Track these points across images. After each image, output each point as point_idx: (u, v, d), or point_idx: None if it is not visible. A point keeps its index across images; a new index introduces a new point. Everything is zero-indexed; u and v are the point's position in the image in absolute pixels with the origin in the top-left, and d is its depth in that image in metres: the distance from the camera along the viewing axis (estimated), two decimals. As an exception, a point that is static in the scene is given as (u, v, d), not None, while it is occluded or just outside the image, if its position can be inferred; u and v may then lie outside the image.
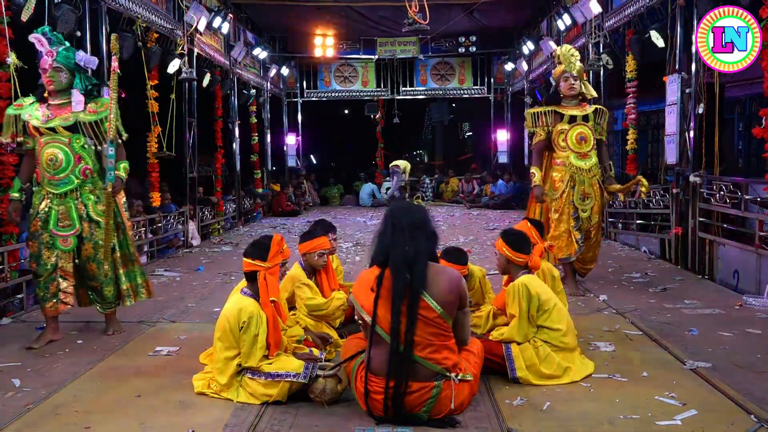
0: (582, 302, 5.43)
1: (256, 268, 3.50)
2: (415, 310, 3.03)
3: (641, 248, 8.43)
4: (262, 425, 3.09)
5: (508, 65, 15.62)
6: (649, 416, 3.12)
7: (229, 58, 11.76)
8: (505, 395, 3.43)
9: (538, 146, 5.88)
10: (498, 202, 14.75)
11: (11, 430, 3.04)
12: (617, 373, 3.71)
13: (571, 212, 5.66)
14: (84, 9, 6.65)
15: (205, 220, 10.47)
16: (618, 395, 3.40)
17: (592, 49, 9.88)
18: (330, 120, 20.09)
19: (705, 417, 3.10)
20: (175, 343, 4.45)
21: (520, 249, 3.87)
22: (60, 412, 3.27)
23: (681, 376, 3.66)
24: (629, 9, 8.62)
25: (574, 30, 10.84)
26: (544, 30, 12.99)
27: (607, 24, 9.45)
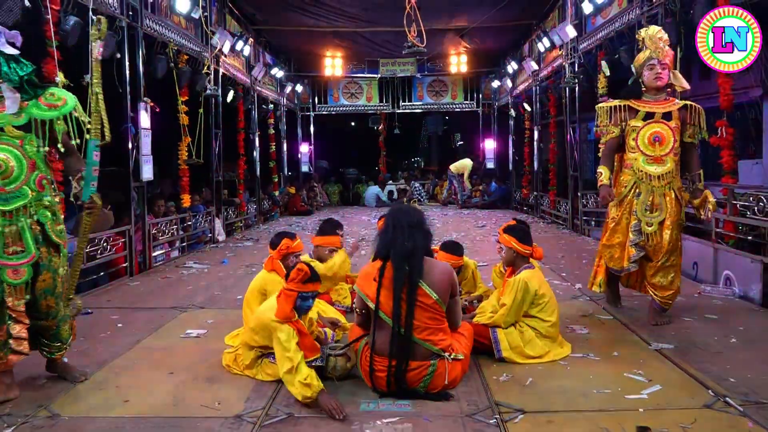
0: (559, 290, 5.41)
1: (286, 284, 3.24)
2: (413, 297, 3.06)
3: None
4: (279, 398, 3.09)
5: (495, 83, 15.61)
6: (619, 390, 3.12)
7: (250, 77, 11.75)
8: (492, 372, 3.42)
9: (608, 145, 4.48)
10: (487, 202, 14.75)
11: (60, 403, 3.04)
12: (591, 353, 3.70)
13: (632, 224, 4.29)
14: (123, 34, 6.64)
15: (229, 219, 10.46)
16: (591, 372, 3.40)
17: (567, 68, 9.86)
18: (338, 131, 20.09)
19: (668, 392, 3.10)
20: (204, 327, 4.44)
21: (526, 241, 3.82)
22: (102, 387, 3.27)
23: (647, 356, 3.65)
24: (600, 33, 8.59)
25: (552, 52, 10.81)
26: (526, 51, 12.97)
27: (581, 46, 9.42)
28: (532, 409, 2.91)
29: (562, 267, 6.61)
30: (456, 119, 19.64)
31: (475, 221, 11.76)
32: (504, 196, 14.99)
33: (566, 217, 10.47)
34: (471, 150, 18.38)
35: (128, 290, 5.94)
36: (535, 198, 12.84)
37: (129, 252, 6.66)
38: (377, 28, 12.13)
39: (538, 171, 12.81)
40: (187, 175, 8.64)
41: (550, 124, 12.02)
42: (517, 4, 10.55)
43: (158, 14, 7.56)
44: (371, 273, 3.18)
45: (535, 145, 12.79)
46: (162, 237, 7.65)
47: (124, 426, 2.80)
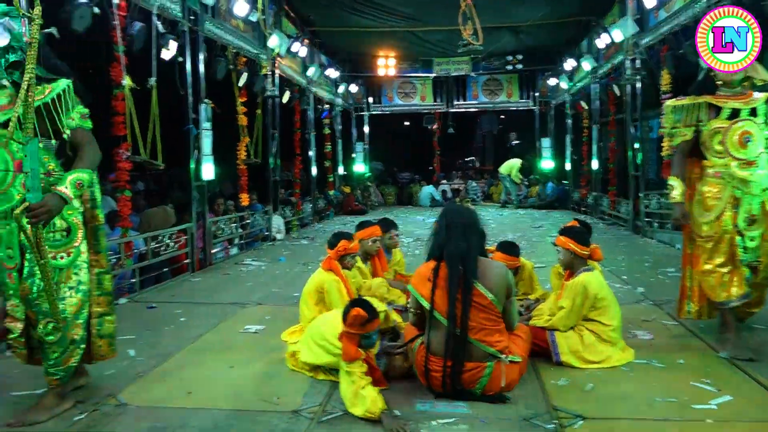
0: (620, 293, 5.25)
1: None
2: (469, 298, 3.04)
3: (676, 246, 8.09)
4: (336, 394, 3.11)
5: (551, 80, 15.29)
6: (686, 400, 2.99)
7: (305, 78, 11.92)
8: (550, 376, 3.35)
9: (680, 150, 3.83)
10: (543, 203, 14.49)
11: (126, 394, 3.16)
12: (655, 360, 3.57)
13: (735, 241, 3.66)
14: (185, 38, 6.85)
15: (285, 218, 10.65)
16: (655, 379, 3.28)
17: (629, 65, 9.55)
18: (392, 130, 20.13)
19: (739, 402, 2.95)
20: (262, 322, 4.53)
21: (584, 242, 3.73)
22: (166, 379, 3.39)
23: (716, 364, 3.49)
24: (664, 27, 8.28)
25: (612, 48, 10.50)
26: (584, 48, 12.64)
27: (643, 41, 9.11)
28: (593, 416, 2.83)
29: (623, 270, 6.41)
30: (511, 118, 19.36)
31: (531, 222, 11.57)
32: (561, 197, 14.68)
33: (627, 219, 10.16)
34: (526, 149, 18.10)
35: (190, 286, 6.13)
36: (594, 198, 12.51)
37: (191, 249, 6.87)
38: (432, 27, 12.09)
39: (597, 171, 12.48)
40: (245, 175, 8.85)
41: (609, 123, 11.68)
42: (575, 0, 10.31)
43: (218, 18, 7.77)
44: (425, 273, 3.17)
45: (594, 144, 12.46)
46: (222, 234, 7.86)
47: (186, 417, 2.89)
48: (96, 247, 3.01)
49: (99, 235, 3.02)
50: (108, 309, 3.08)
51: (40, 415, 2.83)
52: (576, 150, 14.36)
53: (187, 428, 2.77)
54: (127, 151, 5.72)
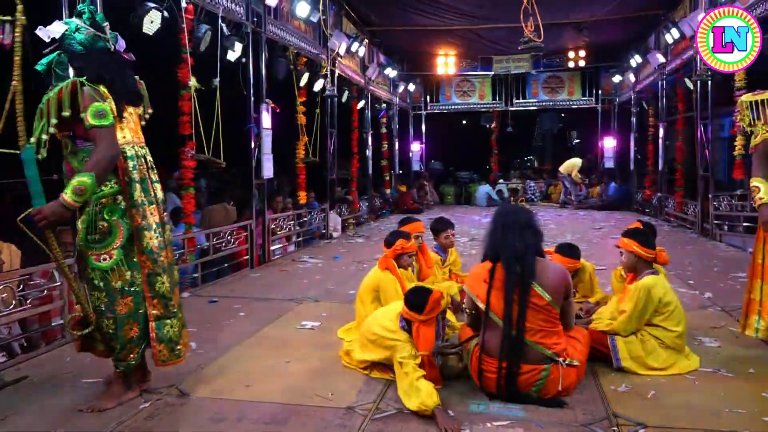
0: (686, 298, 5.04)
1: (412, 319, 3.12)
2: (526, 299, 3.00)
3: (747, 250, 7.70)
4: (390, 393, 3.14)
5: (616, 77, 14.80)
6: (756, 411, 2.86)
7: (364, 77, 12.01)
8: (610, 381, 3.26)
9: (761, 150, 3.50)
10: (604, 203, 14.08)
11: (189, 384, 3.28)
12: (722, 368, 3.42)
13: None
14: (248, 39, 7.03)
15: (342, 216, 10.76)
16: (723, 389, 3.14)
17: (700, 60, 9.14)
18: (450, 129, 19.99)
19: (815, 416, 2.79)
20: (318, 319, 4.60)
21: (649, 245, 3.61)
22: (225, 371, 3.49)
23: (789, 375, 3.31)
24: (739, 21, 7.88)
25: (682, 43, 10.08)
26: (651, 44, 12.19)
27: (716, 36, 8.70)
28: (655, 424, 2.74)
29: (690, 274, 6.15)
30: (572, 116, 18.88)
31: (591, 222, 11.26)
32: (623, 197, 14.21)
33: (694, 221, 9.74)
34: (588, 148, 17.62)
35: (249, 281, 6.29)
36: (659, 200, 12.05)
37: (250, 245, 7.04)
38: (492, 24, 11.94)
39: (663, 171, 12.01)
40: (303, 173, 8.99)
41: (677, 121, 11.22)
42: (643, -6, 9.96)
43: (279, 19, 7.93)
44: (481, 274, 3.15)
45: (661, 143, 12.00)
46: (280, 231, 8.03)
47: (244, 409, 2.97)
48: (141, 248, 2.96)
49: (142, 236, 2.95)
50: (165, 312, 3.02)
51: (108, 402, 2.98)
52: (641, 149, 13.88)
53: (245, 420, 2.85)
54: (191, 150, 5.93)
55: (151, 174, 3.09)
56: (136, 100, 3.12)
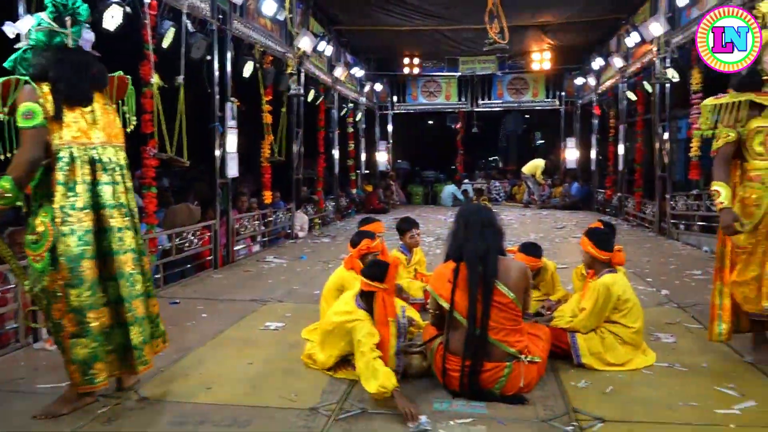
0: (644, 295, 5.16)
1: (374, 289, 3.19)
2: (489, 297, 3.03)
3: (702, 248, 7.94)
4: (354, 392, 3.14)
5: (578, 80, 15.10)
6: (709, 404, 2.94)
7: (331, 77, 11.97)
8: (570, 378, 3.32)
9: (723, 153, 3.51)
10: (567, 203, 14.34)
11: (148, 388, 3.21)
12: (677, 363, 3.52)
13: None
14: (213, 37, 6.93)
15: (308, 215, 10.70)
16: (678, 383, 3.23)
17: (659, 64, 9.39)
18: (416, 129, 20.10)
19: (764, 408, 2.89)
20: (282, 320, 4.56)
21: (603, 247, 3.67)
22: (187, 374, 3.43)
23: (740, 369, 3.43)
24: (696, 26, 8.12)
25: (642, 47, 10.33)
26: (613, 47, 12.45)
27: (674, 40, 8.95)
28: (613, 418, 2.80)
29: (648, 272, 6.31)
30: (536, 118, 19.19)
31: (554, 222, 11.45)
32: (585, 197, 14.51)
33: (652, 220, 9.99)
34: (551, 149, 17.91)
35: (213, 282, 6.21)
36: (619, 199, 12.33)
37: (214, 245, 6.95)
38: (458, 25, 12.03)
39: (623, 171, 12.29)
40: (269, 173, 8.91)
41: (636, 123, 11.50)
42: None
43: (246, 17, 7.84)
44: (445, 274, 3.17)
45: (621, 144, 12.28)
46: (245, 231, 7.94)
47: (206, 412, 2.92)
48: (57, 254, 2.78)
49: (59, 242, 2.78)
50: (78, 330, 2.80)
51: (63, 408, 2.89)
52: (602, 150, 14.16)
53: (207, 423, 2.81)
54: (153, 149, 5.82)
55: (101, 176, 2.91)
56: (82, 101, 2.92)
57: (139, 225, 3.12)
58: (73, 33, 2.93)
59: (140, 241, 3.09)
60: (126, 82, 3.17)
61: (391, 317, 3.15)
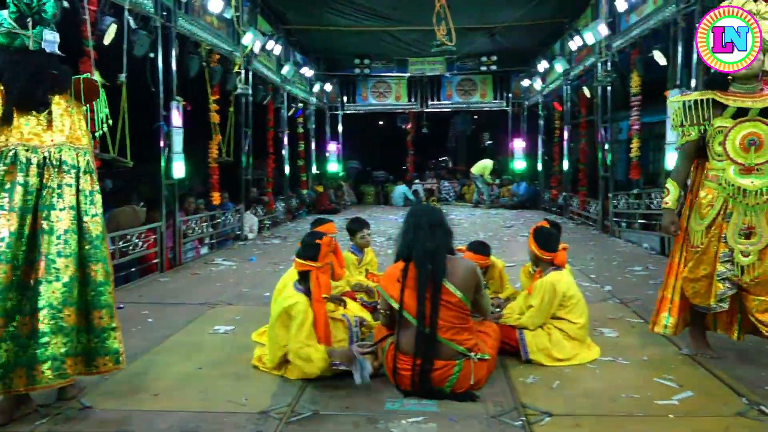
0: (588, 292, 5.32)
1: (308, 268, 3.34)
2: (438, 297, 3.06)
3: (643, 245, 8.26)
4: (305, 395, 3.12)
5: (525, 82, 15.46)
6: (649, 396, 3.06)
7: (280, 76, 11.85)
8: (519, 374, 3.39)
9: (684, 150, 3.56)
10: (515, 203, 14.64)
11: (92, 396, 3.10)
12: (620, 357, 3.64)
13: (721, 253, 3.37)
14: (157, 34, 6.75)
15: (257, 217, 10.56)
16: (620, 376, 3.34)
17: (600, 67, 9.71)
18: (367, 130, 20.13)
19: (700, 398, 3.03)
20: (231, 323, 4.49)
21: (546, 247, 3.76)
22: (133, 381, 3.33)
23: (678, 361, 3.57)
24: (635, 31, 8.45)
25: (584, 50, 10.66)
26: (557, 50, 12.80)
27: (614, 44, 9.27)
28: (559, 412, 2.87)
29: (592, 269, 6.52)
30: (485, 119, 19.51)
31: (503, 221, 11.67)
32: (533, 197, 14.85)
33: (596, 219, 10.32)
34: (499, 150, 18.24)
35: (159, 286, 6.05)
36: (565, 199, 12.68)
37: (160, 248, 6.78)
38: (406, 26, 12.11)
39: (568, 171, 12.65)
40: (217, 173, 8.76)
41: (580, 124, 11.85)
42: (549, 3, 10.44)
43: (191, 14, 7.68)
44: (394, 274, 3.19)
45: (565, 145, 12.63)
46: (192, 234, 7.78)
47: (152, 419, 2.85)
48: None
49: None
50: None
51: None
52: (547, 151, 14.53)
53: (153, 431, 2.73)
54: (95, 149, 5.61)
55: (48, 179, 2.82)
56: (35, 106, 2.85)
57: (101, 230, 2.98)
58: (35, 35, 2.88)
59: (98, 247, 2.94)
60: (95, 85, 3.11)
61: (325, 294, 3.35)
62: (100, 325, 2.94)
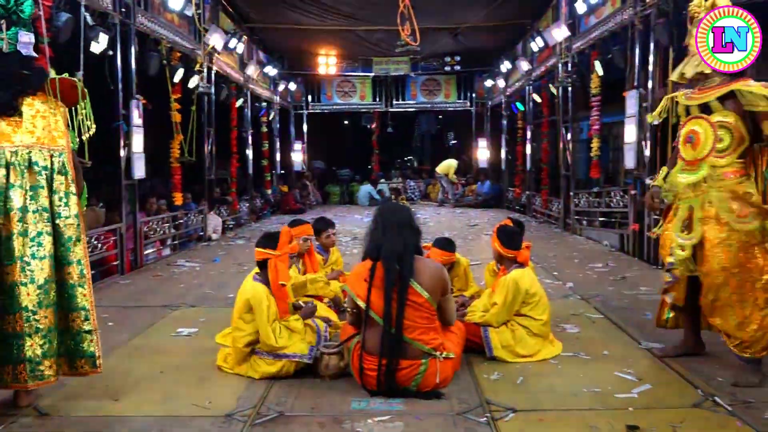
0: (551, 288, 5.41)
1: (267, 256, 3.44)
2: (404, 297, 3.06)
3: (603, 242, 8.45)
4: (270, 396, 3.09)
5: (488, 82, 15.62)
6: (609, 389, 3.13)
7: (243, 75, 11.71)
8: (483, 371, 3.42)
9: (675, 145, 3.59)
10: (479, 201, 14.79)
11: (49, 402, 3.02)
12: (581, 352, 3.71)
13: (669, 246, 3.44)
14: (116, 31, 6.60)
15: (221, 217, 10.42)
16: (582, 371, 3.41)
17: (561, 68, 9.89)
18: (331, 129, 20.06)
19: (658, 391, 3.11)
20: (195, 325, 4.42)
21: (509, 245, 3.81)
22: (92, 387, 3.24)
23: (637, 355, 3.67)
24: (594, 33, 8.62)
25: (545, 51, 10.84)
26: (519, 51, 12.99)
27: (574, 46, 9.45)
28: (523, 408, 2.92)
29: (554, 266, 6.63)
30: (449, 118, 19.66)
31: (467, 220, 11.78)
32: (496, 196, 15.02)
33: (558, 217, 10.51)
34: (464, 149, 18.40)
35: (119, 289, 5.92)
36: (528, 197, 12.87)
37: (120, 250, 6.63)
38: (371, 26, 12.11)
39: (530, 170, 12.84)
40: (179, 173, 8.61)
41: (542, 124, 12.05)
42: (511, 4, 10.57)
43: (151, 11, 7.52)
44: (362, 273, 3.18)
45: (528, 144, 12.82)
46: (153, 235, 7.62)
47: (113, 426, 2.78)
48: None
49: None
50: None
51: None
52: (511, 150, 14.72)
53: (114, 436, 2.68)
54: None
55: (15, 179, 2.80)
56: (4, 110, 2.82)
57: (75, 232, 2.94)
58: (9, 36, 2.82)
59: (71, 249, 2.92)
60: (74, 85, 3.03)
61: (283, 281, 3.43)
62: (75, 328, 2.96)
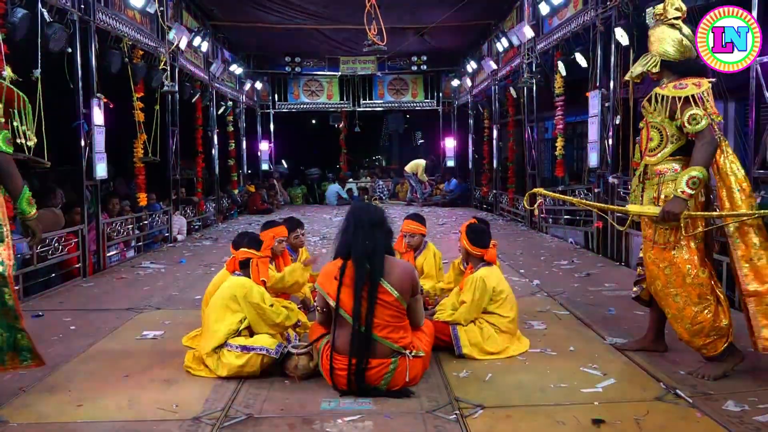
0: (518, 286, 5.49)
1: (250, 256, 3.64)
2: (374, 295, 3.07)
3: (568, 239, 8.59)
4: (239, 398, 3.05)
5: (455, 82, 15.75)
6: (575, 385, 3.18)
7: (208, 74, 11.55)
8: (452, 369, 3.45)
9: None
10: (447, 200, 14.89)
11: (7, 410, 2.92)
12: (548, 348, 3.77)
13: None
14: (75, 28, 6.43)
15: (187, 218, 10.26)
16: (549, 367, 3.46)
17: (525, 68, 10.02)
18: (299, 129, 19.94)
19: (622, 385, 3.18)
20: (160, 328, 4.34)
21: (477, 244, 3.84)
22: (54, 392, 3.16)
23: (602, 350, 3.74)
24: (557, 34, 8.77)
25: (510, 51, 10.97)
26: (485, 51, 13.11)
27: (538, 46, 9.59)
28: (491, 404, 2.94)
29: (521, 264, 6.72)
30: (417, 118, 19.75)
31: (436, 219, 11.84)
32: (464, 194, 15.15)
33: (524, 215, 10.65)
34: (431, 148, 18.50)
35: (82, 291, 5.78)
36: (495, 196, 13.01)
37: (82, 252, 6.46)
38: (338, 25, 12.08)
39: (497, 169, 12.98)
40: (142, 174, 8.44)
41: (508, 123, 12.19)
42: (476, 4, 10.66)
43: (111, 8, 7.35)
44: (332, 271, 3.17)
45: (495, 143, 12.96)
46: (117, 237, 7.46)
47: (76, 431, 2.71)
48: None
49: None
50: None
51: None
52: (477, 149, 14.86)
53: (77, 443, 2.61)
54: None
55: None
56: None
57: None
58: None
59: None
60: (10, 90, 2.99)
61: (264, 277, 3.65)
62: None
